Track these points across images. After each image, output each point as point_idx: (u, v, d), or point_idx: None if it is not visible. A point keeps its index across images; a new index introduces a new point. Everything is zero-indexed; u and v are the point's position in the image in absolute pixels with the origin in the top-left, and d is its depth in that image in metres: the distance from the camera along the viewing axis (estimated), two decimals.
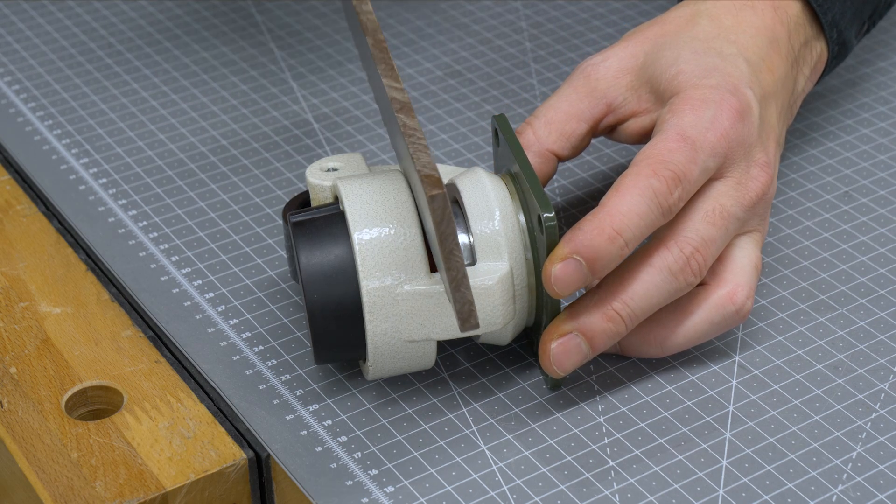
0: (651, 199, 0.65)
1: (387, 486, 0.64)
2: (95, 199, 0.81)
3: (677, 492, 0.64)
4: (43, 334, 0.73)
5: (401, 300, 0.65)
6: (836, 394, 0.68)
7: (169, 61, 0.93)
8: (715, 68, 0.70)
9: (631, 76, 0.73)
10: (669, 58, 0.71)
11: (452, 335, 0.65)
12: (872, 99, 0.88)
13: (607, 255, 0.64)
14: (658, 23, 0.74)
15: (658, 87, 0.71)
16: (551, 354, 0.66)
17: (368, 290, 0.64)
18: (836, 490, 0.64)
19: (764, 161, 0.70)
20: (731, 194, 0.68)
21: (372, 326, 0.65)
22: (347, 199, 0.66)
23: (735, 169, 0.69)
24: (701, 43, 0.72)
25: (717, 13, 0.73)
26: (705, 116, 0.68)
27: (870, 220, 0.78)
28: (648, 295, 0.66)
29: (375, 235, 0.65)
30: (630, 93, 0.72)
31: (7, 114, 0.88)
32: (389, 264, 0.65)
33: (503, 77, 0.90)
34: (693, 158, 0.67)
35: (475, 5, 0.98)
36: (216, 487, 0.66)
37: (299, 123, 0.87)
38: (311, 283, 0.65)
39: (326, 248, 0.65)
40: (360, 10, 0.67)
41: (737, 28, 0.73)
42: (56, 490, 0.64)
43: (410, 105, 0.63)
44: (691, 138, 0.67)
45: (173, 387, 0.70)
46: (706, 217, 0.67)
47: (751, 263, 0.69)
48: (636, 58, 0.73)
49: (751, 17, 0.74)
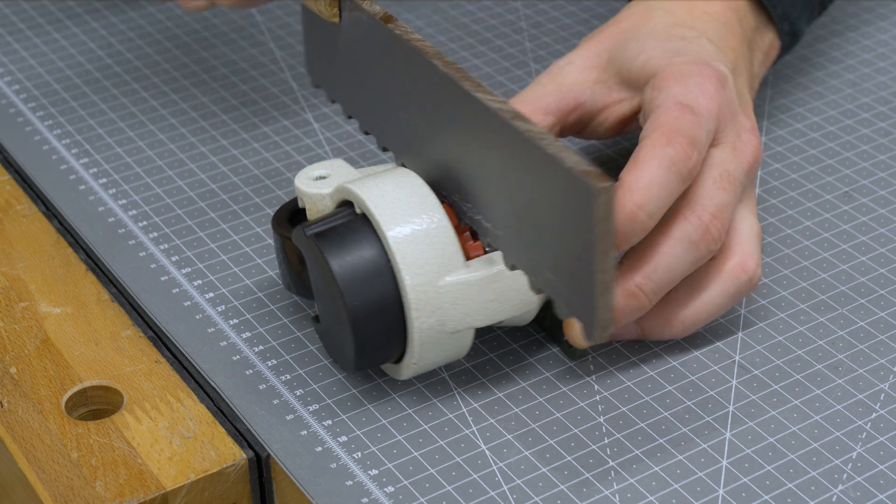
0: (669, 167, 0.66)
1: (387, 486, 0.64)
2: (95, 199, 0.81)
3: (677, 492, 0.64)
4: (43, 334, 0.73)
5: (443, 292, 0.65)
6: (836, 394, 0.68)
7: (169, 61, 0.93)
8: (683, 49, 0.72)
9: (597, 72, 0.74)
10: (635, 49, 0.73)
11: (492, 321, 0.66)
12: (872, 99, 0.88)
13: (630, 232, 0.64)
14: (613, 23, 0.75)
15: (629, 77, 0.72)
16: (574, 328, 0.67)
17: (412, 287, 0.64)
18: (836, 490, 0.64)
19: (750, 126, 0.71)
20: (732, 159, 0.69)
21: (419, 323, 0.65)
22: (370, 201, 0.65)
23: (728, 134, 0.70)
24: (661, 32, 0.73)
25: (669, 6, 0.75)
26: (692, 84, 0.69)
27: (870, 220, 0.78)
28: (671, 267, 0.66)
29: (409, 232, 0.65)
30: (598, 86, 0.73)
31: (7, 114, 0.88)
32: (427, 258, 0.64)
33: (503, 77, 0.90)
34: (698, 122, 0.68)
35: (475, 5, 0.98)
36: (216, 487, 0.66)
37: (299, 123, 0.87)
38: (350, 289, 0.64)
39: (356, 252, 0.65)
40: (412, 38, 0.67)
41: (691, 16, 0.75)
42: (56, 490, 0.64)
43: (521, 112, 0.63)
44: (689, 105, 0.68)
45: (173, 387, 0.70)
46: (716, 183, 0.68)
47: (753, 232, 0.70)
48: (600, 56, 0.74)
49: (701, 6, 0.76)
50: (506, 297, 0.66)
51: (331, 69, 0.74)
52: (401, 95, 0.69)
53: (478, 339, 0.72)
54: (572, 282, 0.60)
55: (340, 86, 0.74)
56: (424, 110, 0.68)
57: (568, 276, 0.61)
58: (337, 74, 0.74)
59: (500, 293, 0.65)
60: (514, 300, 0.66)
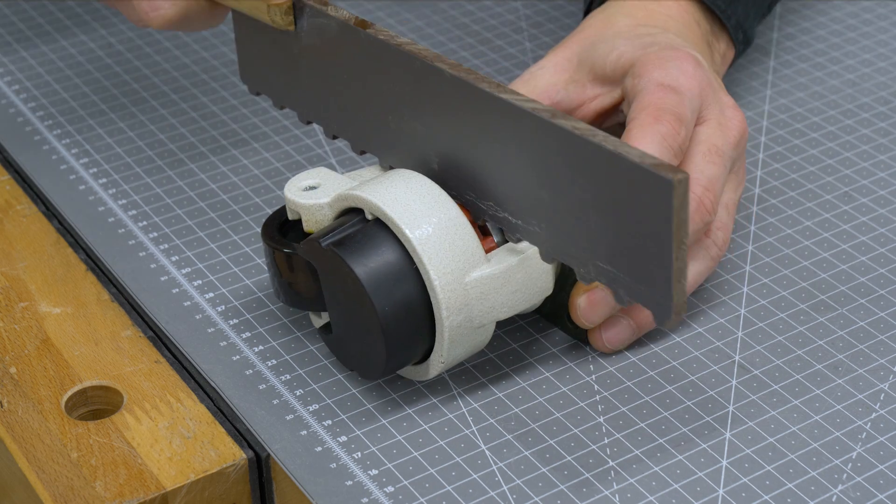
0: (661, 143, 0.68)
1: (387, 486, 0.64)
2: (95, 199, 0.81)
3: (677, 492, 0.64)
4: (43, 334, 0.73)
5: (469, 288, 0.65)
6: (836, 394, 0.68)
7: (169, 61, 0.93)
8: (653, 42, 0.74)
9: (569, 73, 0.75)
10: (605, 48, 0.74)
11: (515, 311, 0.67)
12: (872, 99, 0.88)
13: None
14: (576, 32, 0.77)
15: (603, 73, 0.74)
16: (579, 308, 0.69)
17: (442, 286, 0.64)
18: (836, 490, 0.64)
19: (732, 104, 0.73)
20: (718, 134, 0.71)
21: (449, 321, 0.65)
22: (385, 205, 0.65)
23: (711, 111, 0.72)
24: (627, 32, 0.75)
25: (629, 10, 0.78)
26: (671, 67, 0.71)
27: (870, 220, 0.78)
28: None
29: (430, 231, 0.65)
30: (571, 86, 0.75)
31: (7, 114, 0.88)
32: (451, 256, 0.65)
33: (503, 77, 0.90)
34: (681, 101, 0.70)
35: (475, 5, 0.98)
36: (216, 487, 0.66)
37: (299, 123, 0.87)
38: (378, 294, 0.64)
39: (378, 257, 0.65)
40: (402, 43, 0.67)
41: (651, 18, 0.77)
42: (56, 490, 0.64)
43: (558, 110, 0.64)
44: (671, 85, 0.70)
45: (173, 387, 0.70)
46: (705, 157, 0.70)
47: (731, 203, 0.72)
48: (570, 60, 0.76)
49: (659, 9, 0.78)
50: (526, 287, 0.67)
51: (279, 76, 0.74)
52: (387, 99, 0.69)
53: None
54: (639, 271, 0.61)
55: (294, 92, 0.74)
56: (424, 113, 0.68)
57: (632, 265, 0.61)
58: (289, 80, 0.74)
59: (521, 283, 0.66)
60: (532, 289, 0.67)
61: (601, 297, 0.69)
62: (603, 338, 0.70)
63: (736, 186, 0.73)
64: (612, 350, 0.71)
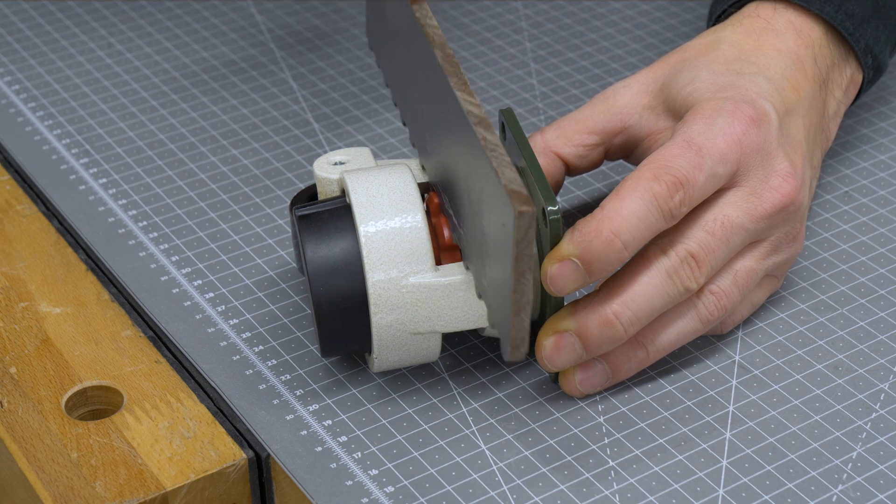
0: (650, 202, 0.65)
1: (387, 486, 0.64)
2: (95, 199, 0.81)
3: (677, 492, 0.64)
4: (43, 334, 0.73)
5: (406, 292, 0.65)
6: (836, 394, 0.68)
7: (169, 61, 0.93)
8: (731, 85, 0.70)
9: (649, 97, 0.73)
10: (686, 78, 0.71)
11: (457, 328, 0.66)
12: (872, 99, 0.88)
13: (604, 258, 0.64)
14: (680, 50, 0.74)
15: (674, 106, 0.71)
16: (543, 350, 0.66)
17: (374, 283, 0.65)
18: (836, 490, 0.64)
19: (787, 172, 0.68)
20: (740, 204, 0.68)
21: (377, 319, 0.65)
22: (354, 192, 0.66)
23: (750, 178, 0.68)
24: (720, 65, 0.72)
25: (738, 38, 0.73)
26: (716, 123, 0.68)
27: (870, 220, 0.78)
28: (648, 297, 0.66)
29: (381, 228, 0.65)
30: (646, 112, 0.73)
31: (7, 114, 0.88)
32: (395, 257, 0.65)
33: (503, 77, 0.90)
34: (698, 164, 0.66)
35: (475, 5, 0.98)
36: (216, 487, 0.66)
37: (299, 123, 0.87)
38: (318, 276, 0.65)
39: (332, 240, 0.66)
40: (426, 24, 0.67)
41: (758, 51, 0.73)
42: (56, 490, 0.64)
43: (488, 119, 0.63)
44: (698, 144, 0.67)
45: (173, 387, 0.70)
46: (705, 226, 0.67)
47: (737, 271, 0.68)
48: (656, 81, 0.73)
49: (772, 41, 0.73)
50: (473, 308, 0.66)
51: (380, 37, 0.75)
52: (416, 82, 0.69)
53: (477, 338, 0.72)
54: (497, 296, 0.61)
55: (384, 56, 0.75)
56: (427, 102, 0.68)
57: (494, 289, 0.62)
58: (383, 44, 0.74)
59: (466, 302, 0.65)
60: (481, 311, 0.66)
61: (569, 342, 0.66)
62: (576, 380, 0.67)
63: (761, 256, 0.69)
64: (582, 394, 0.68)
